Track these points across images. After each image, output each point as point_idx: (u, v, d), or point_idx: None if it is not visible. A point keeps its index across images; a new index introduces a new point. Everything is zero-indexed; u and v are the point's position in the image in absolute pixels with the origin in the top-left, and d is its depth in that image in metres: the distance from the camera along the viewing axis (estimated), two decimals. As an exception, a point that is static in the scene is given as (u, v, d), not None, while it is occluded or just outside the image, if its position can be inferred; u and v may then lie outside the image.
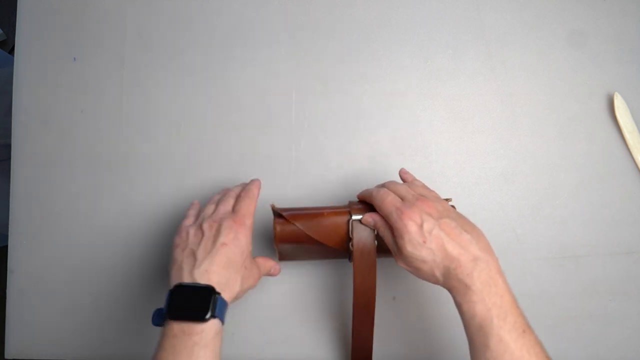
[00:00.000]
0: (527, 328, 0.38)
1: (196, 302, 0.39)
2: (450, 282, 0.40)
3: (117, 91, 0.59)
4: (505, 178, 0.56)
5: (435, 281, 0.41)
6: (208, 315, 0.38)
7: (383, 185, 0.46)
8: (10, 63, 1.21)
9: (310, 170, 0.57)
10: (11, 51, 1.46)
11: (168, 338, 0.38)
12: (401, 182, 0.49)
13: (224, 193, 0.49)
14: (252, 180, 0.50)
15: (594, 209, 0.56)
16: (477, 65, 0.58)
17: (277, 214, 0.47)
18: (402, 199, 0.43)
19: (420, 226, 0.40)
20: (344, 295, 0.54)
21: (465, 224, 0.42)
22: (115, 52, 0.60)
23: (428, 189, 0.47)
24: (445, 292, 0.41)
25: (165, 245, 0.56)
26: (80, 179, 0.58)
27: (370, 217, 0.45)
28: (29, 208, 0.58)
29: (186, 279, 0.40)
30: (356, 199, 0.49)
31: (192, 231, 0.44)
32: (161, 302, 0.39)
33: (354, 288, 0.46)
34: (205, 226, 0.43)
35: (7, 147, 0.60)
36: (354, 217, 0.46)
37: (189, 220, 0.47)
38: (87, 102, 0.59)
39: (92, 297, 0.56)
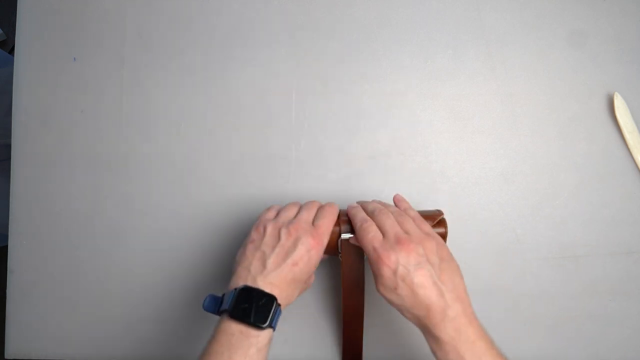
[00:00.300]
0: None
1: (258, 309, 0.40)
2: (421, 327, 0.41)
3: (117, 91, 0.59)
4: (505, 178, 0.56)
5: (408, 320, 0.42)
6: (266, 324, 0.39)
7: (371, 212, 0.46)
8: (10, 63, 1.21)
9: (310, 170, 0.57)
10: (11, 51, 1.46)
11: (225, 334, 0.39)
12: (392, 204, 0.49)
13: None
14: (332, 202, 0.49)
15: (594, 209, 0.56)
16: (477, 65, 0.58)
17: None
18: (384, 234, 0.43)
19: (394, 272, 0.40)
20: (344, 295, 0.54)
21: (443, 271, 0.41)
22: (115, 52, 0.60)
23: (419, 220, 0.46)
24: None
25: (166, 245, 0.56)
26: (80, 179, 0.58)
27: (356, 240, 0.45)
28: (29, 208, 0.58)
29: (250, 283, 0.41)
30: (352, 203, 0.49)
31: (269, 230, 0.44)
32: (161, 302, 0.39)
33: (343, 295, 0.48)
34: (284, 232, 0.43)
35: (7, 147, 0.60)
36: (343, 236, 0.46)
37: (271, 214, 0.47)
38: (87, 102, 0.59)
39: (92, 297, 0.56)
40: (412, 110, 0.58)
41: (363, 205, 0.48)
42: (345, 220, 0.47)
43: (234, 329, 0.39)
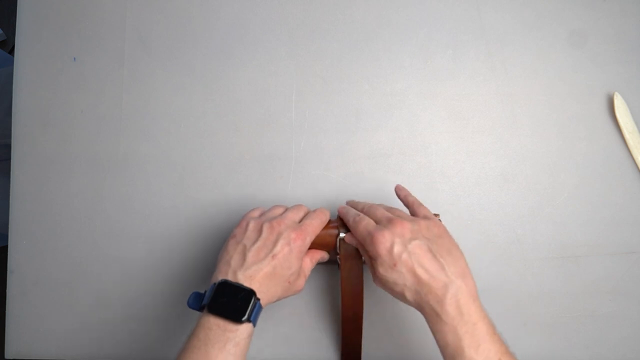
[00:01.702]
0: (504, 355, 0.37)
1: (236, 303, 0.40)
2: (422, 307, 0.40)
3: (117, 91, 0.59)
4: (505, 178, 0.56)
5: (410, 304, 0.41)
6: (244, 318, 0.39)
7: (362, 209, 0.46)
8: (10, 63, 1.21)
9: (310, 170, 0.57)
10: (11, 51, 1.46)
11: (203, 328, 0.39)
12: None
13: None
14: (323, 208, 0.49)
15: (594, 209, 0.56)
16: (477, 65, 0.58)
17: None
18: (377, 222, 0.43)
19: (390, 249, 0.40)
20: (344, 295, 0.54)
21: (440, 246, 0.41)
22: (115, 52, 0.60)
23: (417, 204, 0.46)
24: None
25: (165, 245, 0.56)
26: (80, 179, 0.58)
27: (351, 238, 0.46)
28: (29, 208, 0.58)
29: (231, 277, 0.41)
30: (341, 205, 0.50)
31: (252, 225, 0.44)
32: (161, 302, 0.39)
33: (342, 298, 0.48)
34: (266, 227, 0.43)
35: (7, 147, 0.60)
36: (342, 234, 0.47)
37: (255, 213, 0.47)
38: (87, 102, 0.59)
39: (92, 297, 0.56)
40: (412, 110, 0.58)
41: (353, 204, 0.49)
42: (343, 223, 0.47)
43: (212, 323, 0.39)
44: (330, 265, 0.54)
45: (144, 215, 0.57)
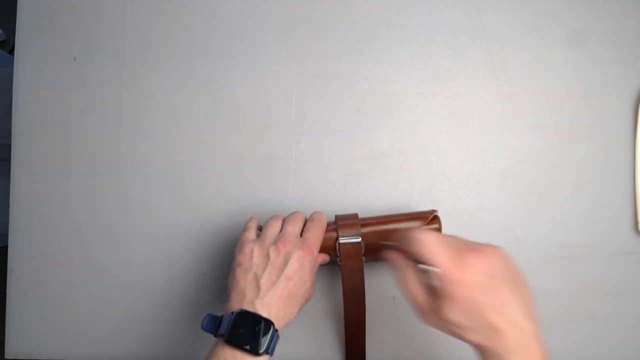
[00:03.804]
0: None
1: (254, 335, 0.38)
2: (484, 352, 0.36)
3: (117, 91, 0.59)
4: (505, 178, 0.56)
5: (466, 342, 0.37)
6: (262, 350, 0.38)
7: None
8: (10, 63, 1.21)
9: (310, 170, 0.57)
10: (11, 51, 1.46)
11: (218, 358, 0.39)
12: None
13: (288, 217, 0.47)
14: (319, 212, 0.48)
15: (594, 209, 0.55)
16: (477, 65, 0.58)
17: None
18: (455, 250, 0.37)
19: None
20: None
21: (511, 283, 0.36)
22: (115, 52, 0.60)
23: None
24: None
25: (165, 245, 0.56)
26: (80, 179, 0.58)
27: (395, 258, 0.41)
28: (29, 208, 0.58)
29: (247, 307, 0.40)
30: (344, 212, 0.50)
31: (256, 251, 0.43)
32: (161, 302, 0.39)
33: (344, 297, 0.48)
34: (272, 250, 0.42)
35: (7, 147, 0.60)
36: (342, 239, 0.46)
37: (251, 234, 0.45)
38: (87, 102, 0.59)
39: (92, 298, 0.56)
40: (412, 110, 0.58)
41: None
42: (343, 225, 0.47)
43: (228, 354, 0.38)
44: (330, 265, 0.54)
45: (144, 215, 0.57)
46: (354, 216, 0.49)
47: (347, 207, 0.56)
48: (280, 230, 0.45)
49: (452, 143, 0.57)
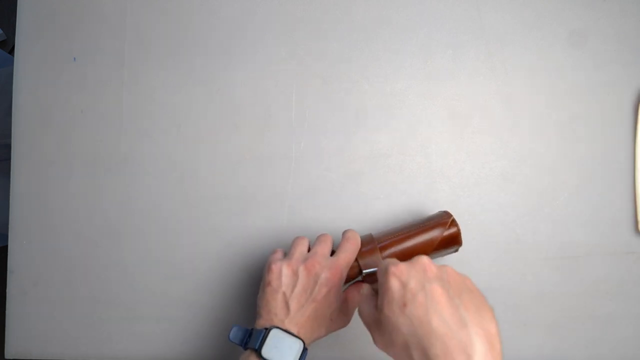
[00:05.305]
0: None
1: (286, 352, 0.40)
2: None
3: (117, 91, 0.59)
4: (505, 178, 0.56)
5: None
6: None
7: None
8: (10, 63, 1.21)
9: (310, 170, 0.57)
10: (11, 51, 1.46)
11: None
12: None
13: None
14: (352, 231, 0.47)
15: (594, 209, 0.56)
16: (477, 65, 0.58)
17: None
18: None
19: (405, 285, 0.33)
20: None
21: (468, 300, 0.33)
22: (115, 52, 0.60)
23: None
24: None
25: (166, 245, 0.56)
26: (80, 179, 0.58)
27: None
28: (29, 208, 0.58)
29: (278, 325, 0.42)
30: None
31: (285, 270, 0.44)
32: (161, 302, 0.39)
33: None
34: (302, 270, 0.43)
35: (7, 147, 0.60)
36: (365, 271, 0.46)
37: (278, 255, 0.46)
38: (87, 102, 0.59)
39: (92, 298, 0.56)
40: (412, 110, 0.58)
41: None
42: (363, 252, 0.46)
43: None
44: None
45: (144, 215, 0.57)
46: (370, 239, 0.48)
47: (347, 207, 0.56)
48: (309, 250, 0.46)
49: (452, 143, 0.57)
